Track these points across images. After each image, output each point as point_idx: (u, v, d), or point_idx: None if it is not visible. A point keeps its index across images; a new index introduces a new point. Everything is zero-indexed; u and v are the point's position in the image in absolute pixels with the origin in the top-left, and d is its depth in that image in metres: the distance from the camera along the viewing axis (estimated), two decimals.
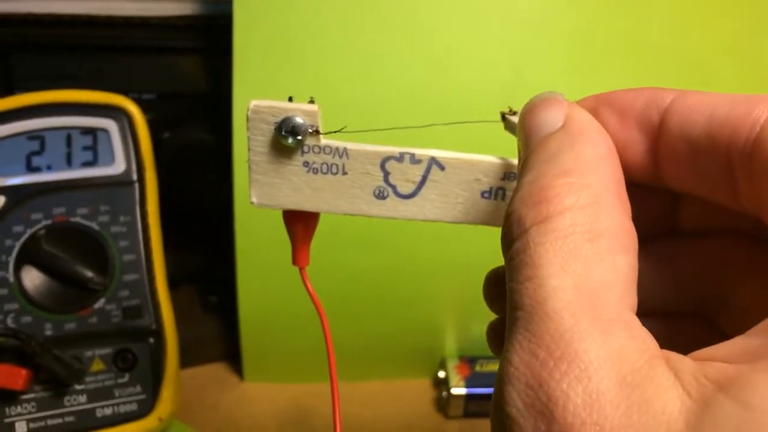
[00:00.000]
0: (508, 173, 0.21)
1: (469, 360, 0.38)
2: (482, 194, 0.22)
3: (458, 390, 0.37)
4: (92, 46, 0.41)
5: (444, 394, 0.37)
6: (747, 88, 0.37)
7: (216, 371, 0.40)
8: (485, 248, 0.37)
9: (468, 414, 0.37)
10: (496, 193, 0.21)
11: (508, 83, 0.36)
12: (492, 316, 0.42)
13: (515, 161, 0.21)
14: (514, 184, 0.21)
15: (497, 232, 0.39)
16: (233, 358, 0.40)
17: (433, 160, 0.21)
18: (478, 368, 0.38)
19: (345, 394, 0.38)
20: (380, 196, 0.22)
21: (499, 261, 0.39)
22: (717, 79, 0.37)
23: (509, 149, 0.22)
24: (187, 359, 0.39)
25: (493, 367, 0.38)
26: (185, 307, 0.40)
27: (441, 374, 0.38)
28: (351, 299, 0.38)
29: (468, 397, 0.36)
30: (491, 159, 0.21)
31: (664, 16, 0.37)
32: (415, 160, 0.21)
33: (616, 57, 0.37)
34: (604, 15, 0.37)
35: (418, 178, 0.22)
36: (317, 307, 0.24)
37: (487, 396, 0.37)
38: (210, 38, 0.41)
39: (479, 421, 0.37)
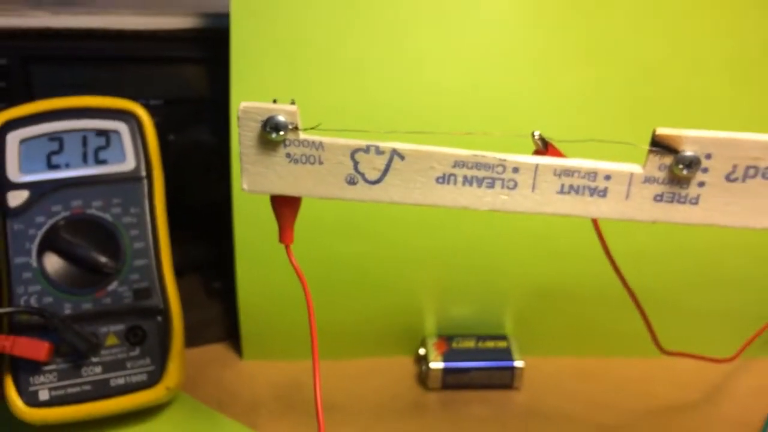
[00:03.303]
0: (457, 161, 0.25)
1: (446, 338, 0.41)
2: (437, 180, 0.25)
3: (436, 364, 0.40)
4: (105, 57, 0.44)
5: (423, 368, 0.41)
6: (696, 90, 0.41)
7: (218, 350, 0.43)
8: (461, 236, 0.41)
9: (445, 386, 0.40)
10: (448, 178, 0.25)
11: (475, 86, 0.40)
12: (468, 299, 0.46)
13: (462, 151, 0.25)
14: (463, 171, 0.25)
15: (471, 221, 0.43)
16: (234, 338, 0.44)
17: (395, 152, 0.25)
18: (454, 345, 0.41)
19: (334, 370, 0.41)
20: (351, 182, 0.26)
21: (472, 248, 0.43)
22: (670, 83, 0.40)
23: (459, 143, 0.26)
24: (192, 340, 0.41)
25: (468, 344, 0.41)
26: (191, 293, 0.43)
27: (421, 351, 0.41)
28: (338, 284, 0.41)
29: (445, 371, 0.40)
30: (443, 150, 0.25)
31: (622, 22, 0.41)
32: (379, 151, 0.25)
33: (576, 62, 0.40)
34: (565, 23, 0.40)
35: (383, 167, 0.25)
36: (300, 278, 0.28)
37: (462, 369, 0.40)
38: (211, 49, 0.44)
39: (455, 392, 0.40)
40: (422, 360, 0.41)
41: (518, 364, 0.40)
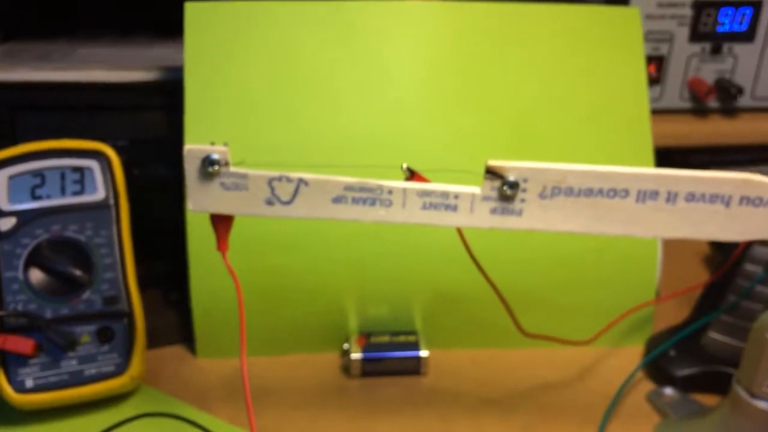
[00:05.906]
0: (347, 186, 0.34)
1: (366, 334, 0.49)
2: (332, 200, 0.34)
3: (357, 355, 0.47)
4: (80, 105, 0.51)
5: (346, 359, 0.48)
6: (561, 127, 0.50)
7: (175, 351, 0.50)
8: (377, 249, 0.50)
9: (364, 373, 0.48)
10: (341, 199, 0.34)
11: (382, 128, 0.49)
12: (384, 302, 0.54)
13: (351, 179, 0.33)
14: (352, 193, 0.34)
15: (385, 237, 0.52)
16: (188, 341, 0.51)
17: (301, 180, 0.34)
18: (372, 340, 0.49)
19: (273, 363, 0.49)
20: (269, 203, 0.34)
21: (387, 260, 0.51)
22: (541, 123, 0.50)
23: (361, 173, 0.34)
24: (153, 342, 0.48)
25: (383, 338, 0.49)
26: (153, 303, 0.50)
27: (345, 346, 0.49)
28: (276, 292, 0.48)
29: (364, 360, 0.48)
30: (336, 178, 0.33)
31: (504, 76, 0.50)
32: (289, 180, 0.33)
33: (466, 108, 0.50)
34: (458, 77, 0.50)
35: (292, 191, 0.34)
36: (233, 278, 0.35)
37: (378, 359, 0.48)
38: (168, 98, 0.50)
39: (373, 378, 0.48)
40: (346, 353, 0.49)
41: (424, 354, 0.49)
